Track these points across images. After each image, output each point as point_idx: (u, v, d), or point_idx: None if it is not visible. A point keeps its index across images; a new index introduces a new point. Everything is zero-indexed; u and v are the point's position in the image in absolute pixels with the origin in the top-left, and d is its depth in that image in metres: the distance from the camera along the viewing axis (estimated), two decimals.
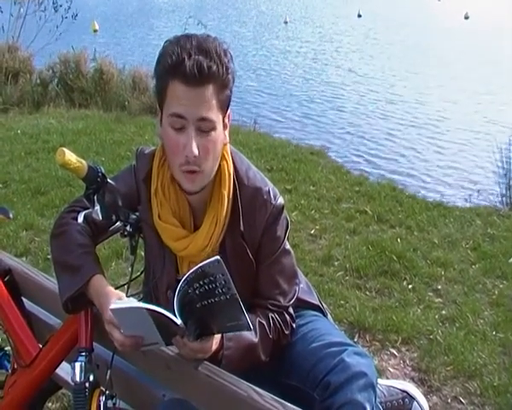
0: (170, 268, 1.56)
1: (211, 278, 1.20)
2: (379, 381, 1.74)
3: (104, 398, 1.46)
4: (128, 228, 1.50)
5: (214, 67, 1.33)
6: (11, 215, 2.10)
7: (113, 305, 1.32)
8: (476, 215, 4.57)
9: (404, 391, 1.90)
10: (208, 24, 10.21)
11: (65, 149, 1.28)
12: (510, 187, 5.21)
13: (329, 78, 12.93)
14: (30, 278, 1.81)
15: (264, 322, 1.50)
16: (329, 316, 1.77)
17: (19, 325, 1.75)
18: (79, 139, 6.58)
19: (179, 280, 1.26)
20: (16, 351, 1.74)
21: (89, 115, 8.08)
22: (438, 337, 2.89)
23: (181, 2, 34.28)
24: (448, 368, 2.67)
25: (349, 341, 1.53)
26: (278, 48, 17.47)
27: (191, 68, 1.31)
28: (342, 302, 3.20)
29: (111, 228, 1.65)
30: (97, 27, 20.12)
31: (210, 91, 1.35)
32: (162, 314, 1.23)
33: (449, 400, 2.51)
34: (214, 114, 1.37)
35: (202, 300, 1.24)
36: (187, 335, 1.29)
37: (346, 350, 1.40)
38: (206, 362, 1.36)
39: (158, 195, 1.51)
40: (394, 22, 22.94)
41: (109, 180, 1.39)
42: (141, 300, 1.58)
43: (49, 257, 3.21)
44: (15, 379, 1.70)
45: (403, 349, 2.84)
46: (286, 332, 1.55)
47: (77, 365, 1.47)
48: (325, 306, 1.78)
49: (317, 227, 4.25)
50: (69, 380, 1.53)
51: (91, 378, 1.47)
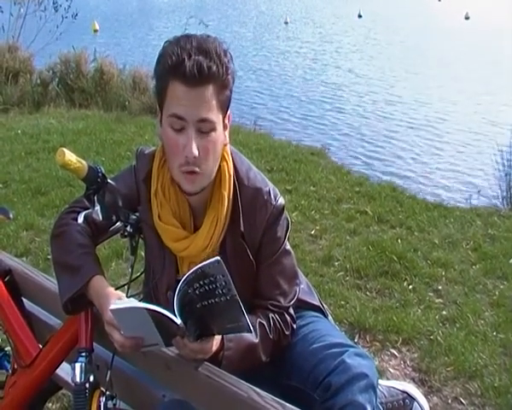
0: (170, 269, 1.55)
1: (211, 279, 1.20)
2: (379, 382, 1.74)
3: (104, 399, 1.46)
4: (128, 228, 1.50)
5: (214, 68, 1.33)
6: (11, 215, 2.10)
7: (113, 305, 1.31)
8: (477, 216, 4.57)
9: (405, 392, 1.90)
10: (208, 24, 10.21)
11: (65, 150, 1.27)
12: (511, 187, 5.21)
13: (330, 78, 12.93)
14: (30, 279, 1.81)
15: (264, 322, 1.50)
16: (330, 317, 1.77)
17: (19, 326, 1.75)
18: (80, 139, 6.59)
19: (179, 281, 1.25)
20: (16, 351, 1.73)
21: (89, 115, 8.08)
22: (438, 338, 2.88)
23: (181, 2, 34.30)
24: (448, 369, 2.67)
25: (350, 342, 1.53)
26: (278, 48, 17.48)
27: (191, 69, 1.31)
28: (343, 303, 3.20)
29: (111, 228, 1.64)
30: (97, 27, 20.14)
31: (210, 92, 1.34)
32: (162, 314, 1.23)
33: (449, 400, 2.51)
34: (214, 115, 1.37)
35: (202, 300, 1.23)
36: (187, 335, 1.28)
37: (347, 351, 1.40)
38: (206, 363, 1.36)
39: (158, 195, 1.50)
40: (394, 22, 22.97)
41: (109, 180, 1.39)
42: (141, 300, 1.57)
43: (50, 257, 3.21)
44: (15, 380, 1.70)
45: (403, 350, 2.84)
46: (286, 333, 1.55)
47: (77, 365, 1.47)
48: (326, 306, 1.77)
49: (318, 228, 4.25)
50: (69, 380, 1.53)
51: (91, 379, 1.47)
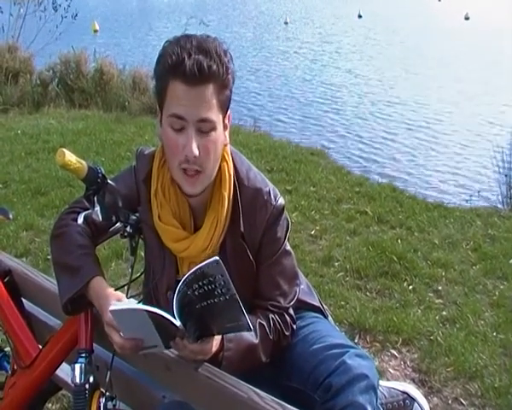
0: (170, 269, 1.55)
1: (210, 279, 1.20)
2: (379, 382, 1.74)
3: (104, 399, 1.46)
4: (128, 229, 1.49)
5: (214, 67, 1.33)
6: (11, 216, 2.10)
7: (113, 306, 1.31)
8: (477, 216, 4.57)
9: (405, 392, 1.90)
10: (209, 24, 10.22)
11: (65, 150, 1.27)
12: (511, 188, 5.21)
13: (329, 79, 12.93)
14: (30, 279, 1.81)
15: (264, 323, 1.50)
16: (330, 317, 1.77)
17: (19, 326, 1.75)
18: (79, 139, 6.59)
19: (179, 281, 1.25)
20: (16, 352, 1.73)
21: (89, 116, 8.08)
22: (438, 338, 2.88)
23: (181, 2, 34.31)
24: (448, 369, 2.67)
25: (350, 343, 1.53)
26: (278, 49, 17.48)
27: (191, 68, 1.30)
28: (343, 303, 3.20)
29: (111, 229, 1.64)
30: (97, 28, 20.14)
31: (210, 91, 1.34)
32: (161, 316, 1.23)
33: (449, 401, 2.51)
34: (214, 114, 1.37)
35: (202, 301, 1.23)
36: (186, 337, 1.28)
37: (348, 352, 1.40)
38: (206, 364, 1.35)
39: (158, 196, 1.50)
40: (394, 23, 22.97)
41: (109, 181, 1.38)
42: (141, 301, 1.57)
43: (49, 258, 3.21)
44: (15, 380, 1.70)
45: (403, 350, 2.84)
46: (286, 333, 1.55)
47: (77, 366, 1.46)
48: (326, 307, 1.77)
49: (318, 228, 4.25)
50: (69, 381, 1.53)
51: (91, 380, 1.47)
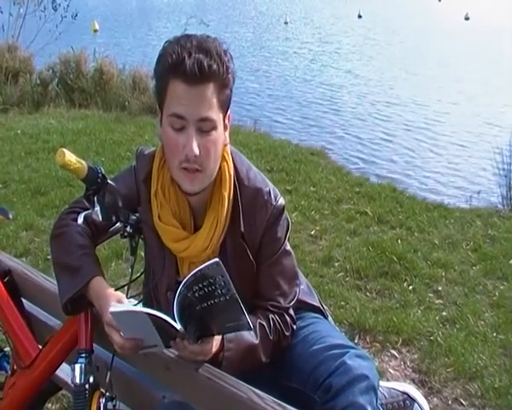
0: (170, 269, 1.55)
1: (210, 281, 1.19)
2: (379, 383, 1.74)
3: (104, 400, 1.45)
4: (128, 229, 1.49)
5: (214, 66, 1.33)
6: (11, 216, 2.10)
7: (113, 308, 1.31)
8: (477, 216, 4.57)
9: (405, 393, 1.90)
10: (209, 24, 10.22)
11: (65, 150, 1.27)
12: (511, 188, 5.20)
13: (329, 79, 12.93)
14: (30, 279, 1.80)
15: (264, 323, 1.50)
16: (330, 318, 1.76)
17: (18, 326, 1.74)
18: (79, 139, 6.58)
19: (179, 281, 1.25)
20: (16, 352, 1.73)
21: (89, 115, 8.08)
22: (438, 339, 2.88)
23: (180, 2, 34.31)
24: (448, 370, 2.67)
25: (350, 343, 1.52)
26: (278, 49, 17.48)
27: (191, 67, 1.30)
28: (342, 303, 3.19)
29: (111, 229, 1.64)
30: (97, 27, 20.13)
31: (210, 90, 1.34)
32: (161, 319, 1.23)
33: (449, 401, 2.51)
34: (215, 114, 1.36)
35: (202, 302, 1.23)
36: (187, 338, 1.28)
37: (348, 353, 1.39)
38: (206, 364, 1.35)
39: (158, 196, 1.50)
40: (394, 23, 22.97)
41: (109, 181, 1.38)
42: (141, 301, 1.57)
43: (49, 258, 3.20)
44: (15, 380, 1.70)
45: (403, 351, 2.84)
46: (286, 333, 1.54)
47: (77, 366, 1.46)
48: (326, 307, 1.77)
49: (318, 228, 4.25)
50: (69, 381, 1.53)
51: (91, 380, 1.47)
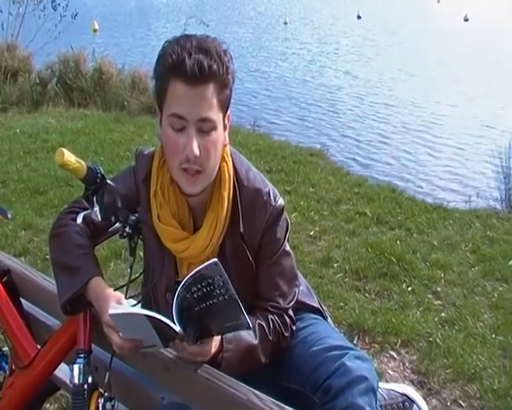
0: (169, 270, 1.54)
1: (209, 281, 1.19)
2: (379, 384, 1.74)
3: (103, 400, 1.45)
4: (127, 229, 1.48)
5: (215, 66, 1.32)
6: (10, 215, 2.09)
7: (112, 310, 1.31)
8: (476, 218, 4.57)
9: (404, 394, 1.89)
10: (208, 24, 10.20)
11: (64, 150, 1.26)
12: (510, 190, 5.21)
13: (328, 80, 12.92)
14: (28, 279, 1.80)
15: (263, 324, 1.49)
16: (329, 319, 1.76)
17: (17, 326, 1.74)
18: (78, 139, 6.58)
19: (178, 282, 1.25)
20: (14, 352, 1.72)
21: (88, 115, 8.07)
22: (437, 340, 2.88)
23: (179, 2, 34.30)
24: (447, 371, 2.67)
25: (350, 344, 1.52)
26: (278, 49, 17.47)
27: (192, 67, 1.30)
28: (341, 304, 3.19)
29: (110, 229, 1.63)
30: (97, 27, 20.11)
31: (210, 90, 1.34)
32: (161, 321, 1.23)
33: (448, 403, 2.51)
34: (215, 114, 1.36)
35: (201, 303, 1.22)
36: (186, 339, 1.28)
37: (347, 354, 1.39)
38: (205, 365, 1.35)
39: (157, 196, 1.49)
40: (394, 24, 22.97)
41: (108, 181, 1.38)
42: (140, 301, 1.56)
43: (48, 257, 3.20)
44: (13, 380, 1.69)
45: (402, 352, 2.84)
46: (286, 334, 1.54)
47: (75, 367, 1.46)
48: (325, 308, 1.77)
49: (317, 229, 4.25)
50: (68, 382, 1.52)
51: (90, 380, 1.46)
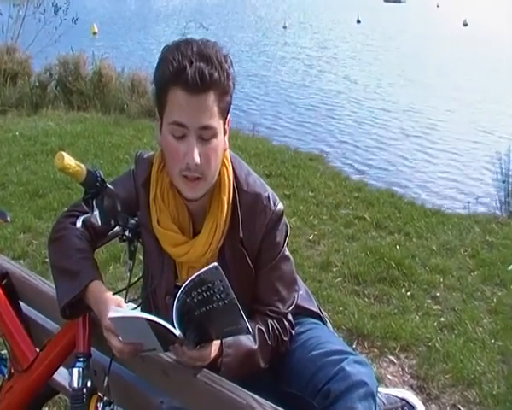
0: (168, 274, 1.54)
1: (209, 285, 1.19)
2: (378, 389, 1.74)
3: (102, 404, 1.44)
4: (127, 233, 1.48)
5: (216, 75, 1.32)
6: (9, 218, 2.09)
7: (112, 313, 1.30)
8: (475, 222, 4.57)
9: (404, 399, 1.90)
10: (208, 28, 10.22)
11: (64, 154, 1.26)
12: (509, 195, 5.22)
13: (328, 85, 12.94)
14: (27, 282, 1.79)
15: (263, 329, 1.49)
16: (329, 323, 1.76)
17: (16, 330, 1.73)
18: (78, 142, 6.57)
19: (178, 286, 1.24)
20: (13, 356, 1.72)
21: (87, 118, 8.07)
22: (436, 345, 2.88)
23: (179, 6, 34.35)
24: (447, 376, 2.67)
25: (349, 349, 1.52)
26: (277, 54, 17.51)
27: (193, 76, 1.29)
28: (341, 309, 3.19)
29: (110, 233, 1.63)
30: (96, 30, 20.11)
31: (211, 99, 1.33)
32: (161, 325, 1.23)
33: (448, 408, 2.50)
34: (216, 122, 1.36)
35: (201, 307, 1.22)
36: (186, 344, 1.28)
37: (347, 359, 1.39)
38: (204, 369, 1.35)
39: (157, 201, 1.49)
40: (393, 28, 23.03)
41: (108, 185, 1.37)
42: (139, 305, 1.56)
43: (47, 260, 3.20)
44: (12, 384, 1.69)
45: (401, 356, 2.84)
46: (285, 339, 1.54)
47: (74, 371, 1.45)
48: (324, 313, 1.77)
49: (316, 233, 4.25)
50: (67, 385, 1.51)
51: (89, 384, 1.45)
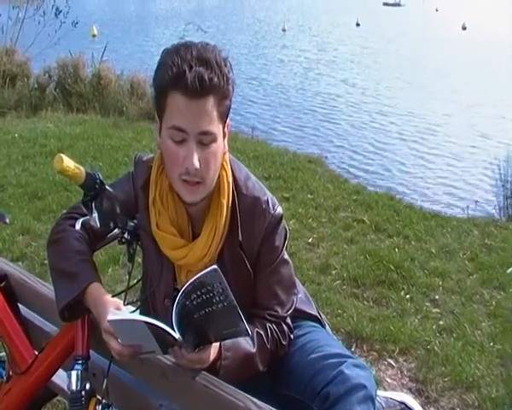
0: (167, 277, 1.54)
1: (208, 288, 1.19)
2: (377, 392, 1.74)
3: (100, 407, 1.44)
4: (126, 235, 1.48)
5: (215, 79, 1.32)
6: (7, 220, 2.08)
7: (111, 316, 1.30)
8: (474, 226, 4.57)
9: (402, 403, 1.89)
10: (207, 31, 10.23)
11: (63, 156, 1.26)
12: (508, 198, 5.22)
13: (326, 88, 12.97)
14: (26, 284, 1.79)
15: (261, 332, 1.49)
16: (327, 327, 1.76)
17: (14, 332, 1.73)
18: (77, 144, 6.57)
19: (177, 289, 1.24)
20: (12, 358, 1.71)
21: (86, 120, 8.06)
22: (435, 348, 2.88)
23: (178, 9, 34.38)
24: (445, 379, 2.66)
25: (348, 352, 1.52)
26: (276, 57, 17.53)
27: (193, 81, 1.29)
28: (339, 312, 3.19)
29: (109, 235, 1.62)
30: (96, 32, 20.12)
31: (211, 103, 1.33)
32: (160, 328, 1.23)
33: None
34: (215, 126, 1.36)
35: (200, 310, 1.22)
36: (185, 346, 1.27)
37: (346, 362, 1.39)
38: (203, 372, 1.34)
39: (156, 204, 1.49)
40: (392, 32, 23.07)
41: (107, 187, 1.37)
42: (138, 308, 1.56)
43: (46, 262, 3.19)
44: (10, 387, 1.68)
45: (400, 360, 2.83)
46: (284, 343, 1.54)
47: (73, 373, 1.45)
48: (323, 316, 1.77)
49: (315, 236, 4.24)
50: (65, 388, 1.51)
51: (88, 387, 1.45)
